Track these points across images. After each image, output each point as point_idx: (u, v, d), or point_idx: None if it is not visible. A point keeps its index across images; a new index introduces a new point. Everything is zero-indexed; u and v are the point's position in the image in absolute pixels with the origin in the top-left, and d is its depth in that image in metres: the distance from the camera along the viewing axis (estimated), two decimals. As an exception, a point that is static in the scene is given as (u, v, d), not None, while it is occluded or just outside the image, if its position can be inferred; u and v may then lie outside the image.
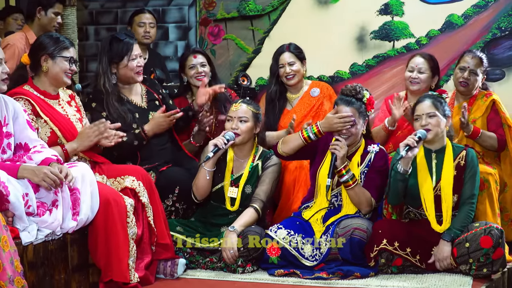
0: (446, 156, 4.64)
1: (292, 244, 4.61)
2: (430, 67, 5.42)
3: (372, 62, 6.47)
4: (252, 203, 4.82)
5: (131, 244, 4.20)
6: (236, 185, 4.94)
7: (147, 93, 5.29)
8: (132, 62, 5.06)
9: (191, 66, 5.72)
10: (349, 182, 4.67)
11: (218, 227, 4.91)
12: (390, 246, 4.50)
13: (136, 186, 4.45)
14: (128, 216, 4.21)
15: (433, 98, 4.65)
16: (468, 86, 5.32)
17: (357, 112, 4.76)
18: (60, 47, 4.47)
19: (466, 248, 4.41)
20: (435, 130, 4.59)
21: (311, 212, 4.81)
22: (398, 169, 4.52)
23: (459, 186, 4.59)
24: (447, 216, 4.56)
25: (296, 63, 5.68)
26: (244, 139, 4.92)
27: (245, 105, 4.95)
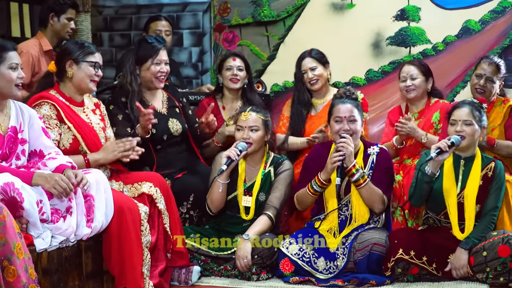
0: (475, 165, 4.64)
1: (305, 259, 4.63)
2: (421, 72, 5.42)
3: (388, 68, 6.48)
4: (266, 210, 4.83)
5: (145, 252, 4.22)
6: (249, 193, 4.96)
7: (168, 100, 5.33)
8: (155, 66, 5.11)
9: (228, 67, 5.75)
10: (360, 181, 4.67)
11: (232, 235, 4.92)
12: (406, 255, 4.51)
13: (154, 192, 4.48)
14: (142, 224, 4.22)
15: (473, 106, 4.63)
16: (484, 93, 5.31)
17: (355, 108, 4.78)
18: (85, 52, 4.49)
19: (484, 257, 4.42)
20: (469, 139, 4.58)
21: (323, 225, 4.82)
22: (426, 170, 4.52)
23: (483, 196, 4.59)
24: (470, 224, 4.57)
25: (318, 67, 5.71)
26: (256, 148, 4.93)
27: (255, 113, 4.94)
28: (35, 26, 6.30)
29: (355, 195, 4.78)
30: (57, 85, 4.53)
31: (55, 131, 4.34)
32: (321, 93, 5.80)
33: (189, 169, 5.22)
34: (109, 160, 4.48)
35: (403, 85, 5.45)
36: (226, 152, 4.78)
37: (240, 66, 5.74)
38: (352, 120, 4.76)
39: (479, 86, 5.32)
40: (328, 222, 4.82)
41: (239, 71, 5.74)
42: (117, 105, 5.08)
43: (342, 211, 4.83)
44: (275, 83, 6.74)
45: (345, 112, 4.77)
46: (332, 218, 4.81)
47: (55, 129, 4.35)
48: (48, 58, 5.67)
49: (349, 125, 4.75)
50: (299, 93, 5.80)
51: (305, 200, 4.86)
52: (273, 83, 6.76)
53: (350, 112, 4.76)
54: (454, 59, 5.84)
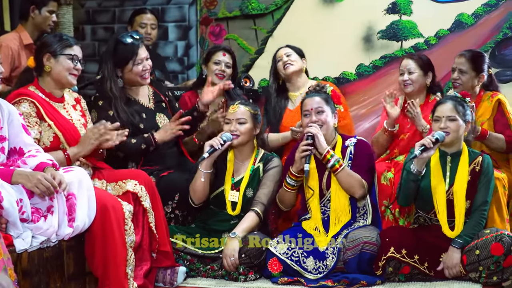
0: (462, 160, 4.65)
1: (294, 258, 4.63)
2: (419, 66, 5.42)
3: (379, 63, 6.49)
4: (253, 206, 4.83)
5: (129, 252, 4.20)
6: (237, 188, 4.96)
7: (154, 94, 5.34)
8: (137, 67, 5.11)
9: (217, 61, 5.73)
10: (336, 166, 4.71)
11: (219, 233, 4.91)
12: (397, 254, 4.51)
13: (138, 190, 4.47)
14: (126, 223, 4.21)
15: (456, 101, 4.65)
16: (461, 86, 5.33)
17: (323, 100, 4.85)
18: (62, 45, 4.46)
19: (476, 256, 4.42)
20: (453, 135, 4.60)
21: (309, 223, 4.84)
22: (411, 169, 4.54)
23: (472, 192, 4.60)
24: (460, 221, 4.58)
25: (293, 54, 5.70)
26: (243, 141, 4.94)
27: (243, 106, 4.97)
28: (15, 19, 6.28)
29: (334, 188, 4.80)
30: (37, 80, 4.51)
31: (35, 129, 4.32)
32: (295, 84, 5.75)
33: (176, 166, 5.21)
34: (89, 151, 4.45)
35: (400, 79, 5.46)
36: (210, 141, 4.80)
37: (228, 63, 5.74)
38: (319, 112, 4.82)
39: (453, 79, 5.36)
40: (313, 220, 4.83)
41: (226, 68, 5.73)
42: (106, 101, 5.07)
43: (327, 207, 4.83)
44: (263, 78, 6.73)
45: (311, 104, 4.84)
46: (315, 214, 4.83)
47: (35, 127, 4.33)
48: (28, 52, 5.65)
49: (317, 116, 4.81)
50: (276, 84, 5.78)
51: (284, 197, 4.90)
52: (261, 78, 6.75)
53: (317, 103, 4.83)
54: (446, 54, 5.85)
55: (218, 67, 5.71)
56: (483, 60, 5.39)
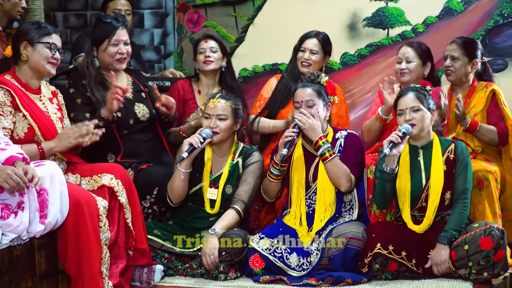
0: (434, 151, 4.69)
1: (276, 254, 4.64)
2: (418, 55, 5.46)
3: (364, 52, 6.50)
4: (233, 204, 4.84)
5: (104, 250, 4.20)
6: (215, 185, 4.96)
7: (133, 84, 5.35)
8: (112, 47, 5.12)
9: (201, 50, 5.78)
10: (326, 154, 4.74)
11: (198, 231, 4.92)
12: (384, 250, 4.53)
13: (115, 184, 4.46)
14: (100, 220, 4.21)
15: (416, 91, 4.70)
16: (453, 73, 5.36)
17: (315, 92, 4.85)
18: (40, 33, 4.46)
19: (465, 251, 4.45)
20: (420, 125, 4.64)
21: (290, 217, 4.86)
22: (384, 168, 4.58)
23: (450, 181, 4.64)
24: (430, 214, 4.61)
25: (318, 53, 5.75)
26: (223, 138, 4.94)
27: (224, 100, 4.95)
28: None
29: (321, 181, 4.82)
30: (13, 69, 4.51)
31: (9, 119, 4.31)
32: None
33: (155, 160, 5.22)
34: (65, 148, 4.45)
35: (397, 67, 5.50)
36: (189, 139, 4.79)
37: (213, 47, 5.77)
38: (310, 106, 4.83)
39: (445, 67, 5.39)
40: (294, 213, 4.85)
41: (212, 53, 5.76)
42: (77, 89, 5.08)
43: (313, 200, 4.85)
44: (244, 67, 6.73)
45: (302, 96, 4.85)
46: (297, 208, 4.85)
47: (9, 116, 4.32)
48: (-3, 39, 5.63)
49: (307, 109, 4.82)
50: (292, 67, 5.83)
51: (268, 188, 4.93)
52: (241, 68, 6.74)
53: (308, 96, 4.84)
54: (435, 42, 5.85)
55: (203, 55, 5.76)
56: (475, 46, 5.42)
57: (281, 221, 4.90)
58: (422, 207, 4.66)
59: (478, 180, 4.99)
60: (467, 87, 5.38)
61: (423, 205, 4.66)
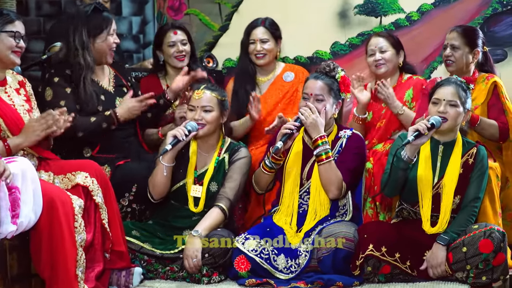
0: (455, 151, 4.67)
1: (263, 255, 4.63)
2: (391, 44, 5.48)
3: (356, 41, 6.51)
4: (218, 202, 4.82)
5: (80, 252, 4.20)
6: (200, 182, 4.95)
7: (115, 77, 5.34)
8: (110, 38, 5.13)
9: (171, 43, 5.74)
10: (322, 156, 4.70)
11: (180, 231, 4.91)
12: (377, 251, 4.53)
13: (90, 183, 4.44)
14: (76, 220, 4.20)
15: (460, 86, 4.64)
16: (454, 63, 5.37)
17: (327, 87, 4.81)
18: (3, 21, 4.42)
19: (463, 253, 4.45)
20: (452, 122, 4.60)
21: (280, 215, 4.86)
22: (402, 155, 4.53)
23: (463, 186, 4.63)
24: (444, 217, 4.61)
25: (269, 41, 5.73)
26: (209, 131, 4.93)
27: (209, 91, 4.93)
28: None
29: (316, 180, 4.80)
30: (-25, 60, 4.49)
31: (-29, 114, 4.30)
32: (267, 69, 5.84)
33: (133, 155, 5.22)
34: (33, 142, 4.42)
35: (371, 60, 5.50)
36: (173, 131, 4.77)
37: (183, 40, 5.75)
38: (319, 100, 4.79)
39: (445, 56, 5.39)
40: (285, 211, 4.85)
41: (183, 46, 5.74)
42: (63, 77, 5.06)
43: (304, 200, 4.85)
44: (228, 57, 6.73)
45: (312, 89, 4.81)
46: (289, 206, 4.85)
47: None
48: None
49: (315, 103, 4.78)
50: (243, 64, 5.83)
51: (260, 179, 4.91)
52: (225, 58, 6.75)
53: (318, 90, 4.80)
54: (430, 31, 5.88)
55: (175, 49, 5.73)
56: (477, 34, 5.42)
57: (269, 220, 4.89)
58: None
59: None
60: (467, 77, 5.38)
61: None
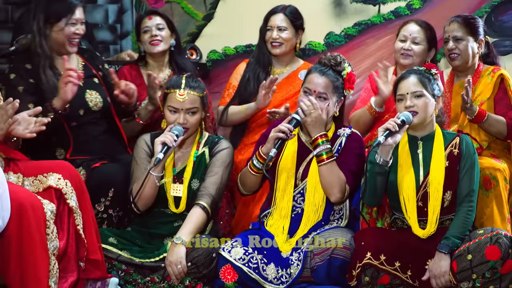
0: (436, 144, 4.68)
1: (251, 265, 4.61)
2: (426, 38, 5.48)
3: (352, 31, 6.51)
4: (198, 200, 4.81)
5: (52, 260, 4.18)
6: (180, 180, 4.95)
7: (85, 68, 5.34)
8: (69, 27, 5.12)
9: (145, 29, 5.79)
10: (323, 156, 4.68)
11: (161, 238, 4.91)
12: (375, 260, 4.53)
13: (63, 185, 4.42)
14: (48, 227, 4.18)
15: (420, 74, 4.69)
16: (459, 56, 5.37)
17: (331, 85, 4.79)
18: None
19: (469, 261, 4.45)
20: (422, 114, 4.62)
21: (273, 220, 4.84)
22: (376, 159, 4.55)
23: (452, 180, 4.64)
24: (433, 217, 4.61)
25: (287, 29, 5.76)
26: (192, 132, 4.95)
27: (192, 91, 4.89)
28: None
29: (312, 180, 4.80)
30: None
31: None
32: (283, 60, 5.85)
33: (110, 156, 5.22)
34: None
35: (400, 46, 5.51)
36: (161, 138, 4.75)
37: (159, 24, 5.79)
38: (321, 97, 4.77)
39: (448, 50, 5.39)
40: (278, 216, 4.84)
41: (158, 31, 5.77)
42: (19, 74, 5.06)
43: (297, 202, 4.84)
44: (213, 49, 6.74)
45: (316, 86, 4.78)
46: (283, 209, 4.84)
47: None
48: None
49: (317, 101, 4.75)
50: (259, 51, 5.86)
51: (246, 179, 4.90)
52: (210, 50, 6.76)
53: (322, 87, 4.77)
54: (433, 20, 5.84)
55: (148, 35, 5.78)
56: (478, 23, 5.43)
57: (258, 225, 4.87)
58: (419, 208, 4.66)
59: (484, 179, 5.00)
60: (472, 72, 5.38)
61: (419, 205, 4.66)
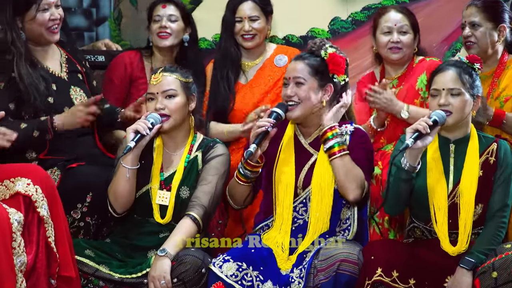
0: (470, 149, 4.67)
1: (245, 283, 4.60)
2: (411, 25, 5.48)
3: (360, 17, 6.53)
4: (189, 210, 4.81)
5: (19, 278, 4.20)
6: (167, 187, 4.95)
7: (68, 62, 5.38)
8: (42, 14, 5.15)
9: (156, 18, 5.84)
10: (334, 149, 4.66)
11: (144, 251, 4.91)
12: (386, 277, 4.52)
13: (32, 192, 4.42)
14: (14, 239, 4.20)
15: (461, 68, 4.64)
16: (475, 44, 5.39)
17: (307, 68, 4.80)
18: None
19: (494, 280, 4.43)
20: (458, 115, 4.59)
21: (273, 233, 4.83)
22: (402, 164, 4.52)
23: (485, 192, 4.63)
24: (465, 233, 4.61)
25: (259, 19, 5.78)
26: (176, 121, 4.92)
27: (168, 73, 4.93)
28: None
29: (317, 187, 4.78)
30: None
31: None
32: (254, 52, 5.87)
33: (88, 157, 5.24)
34: None
35: (385, 40, 5.50)
36: (133, 125, 4.77)
37: (173, 15, 5.83)
38: (298, 83, 4.78)
39: (464, 38, 5.43)
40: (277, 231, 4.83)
41: (170, 22, 5.80)
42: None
43: (299, 213, 4.83)
44: (202, 37, 6.75)
45: (290, 72, 4.82)
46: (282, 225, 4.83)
47: None
48: None
49: (293, 89, 4.77)
50: (226, 45, 5.85)
51: (235, 191, 4.91)
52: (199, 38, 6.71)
53: (297, 71, 4.79)
54: (451, 4, 5.88)
55: (158, 25, 5.82)
56: (500, 6, 5.45)
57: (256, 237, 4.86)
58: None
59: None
60: (495, 63, 5.38)
61: None
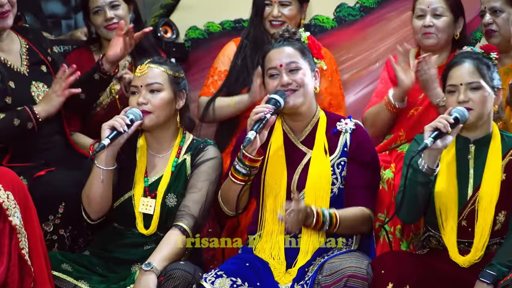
0: (492, 150, 4.67)
1: (240, 299, 4.62)
2: (449, 6, 5.48)
3: (369, 3, 6.52)
4: (177, 221, 4.81)
5: (-11, 294, 4.19)
6: (152, 194, 4.96)
7: (29, 52, 5.37)
8: None
9: (96, 9, 5.83)
10: (331, 228, 4.67)
11: (128, 265, 4.90)
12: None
13: (4, 199, 4.44)
14: (-16, 251, 4.19)
15: (477, 60, 4.65)
16: (497, 32, 5.41)
17: (298, 52, 4.82)
18: None
19: (517, 295, 4.46)
20: (479, 110, 4.59)
21: (262, 244, 4.83)
22: (419, 165, 4.51)
23: (509, 197, 4.62)
24: (480, 242, 4.62)
25: (291, 4, 5.88)
26: (159, 119, 4.92)
27: (156, 65, 4.94)
28: None
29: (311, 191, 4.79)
30: None
31: None
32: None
33: (59, 162, 5.24)
34: None
35: (419, 25, 5.54)
36: (110, 121, 4.76)
37: (112, 2, 5.83)
38: (293, 70, 4.79)
39: (484, 25, 5.45)
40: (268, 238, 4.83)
41: (113, 10, 5.83)
42: None
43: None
44: (193, 25, 6.75)
45: (280, 59, 4.80)
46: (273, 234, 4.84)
47: None
48: None
49: (290, 76, 4.76)
50: (255, 30, 5.90)
51: (229, 194, 4.88)
52: (189, 26, 6.78)
53: (288, 57, 4.80)
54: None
55: (102, 18, 5.84)
56: None
57: (248, 250, 4.87)
58: (463, 227, 4.65)
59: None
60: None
61: (462, 225, 4.65)
